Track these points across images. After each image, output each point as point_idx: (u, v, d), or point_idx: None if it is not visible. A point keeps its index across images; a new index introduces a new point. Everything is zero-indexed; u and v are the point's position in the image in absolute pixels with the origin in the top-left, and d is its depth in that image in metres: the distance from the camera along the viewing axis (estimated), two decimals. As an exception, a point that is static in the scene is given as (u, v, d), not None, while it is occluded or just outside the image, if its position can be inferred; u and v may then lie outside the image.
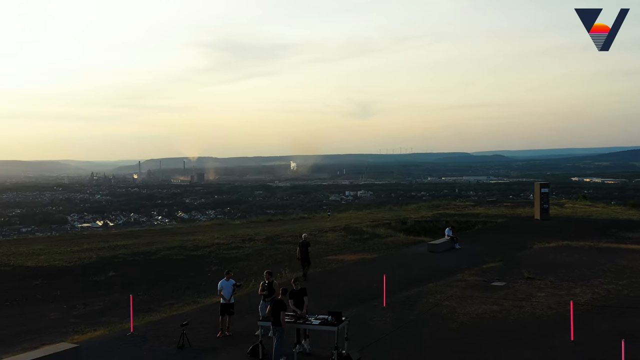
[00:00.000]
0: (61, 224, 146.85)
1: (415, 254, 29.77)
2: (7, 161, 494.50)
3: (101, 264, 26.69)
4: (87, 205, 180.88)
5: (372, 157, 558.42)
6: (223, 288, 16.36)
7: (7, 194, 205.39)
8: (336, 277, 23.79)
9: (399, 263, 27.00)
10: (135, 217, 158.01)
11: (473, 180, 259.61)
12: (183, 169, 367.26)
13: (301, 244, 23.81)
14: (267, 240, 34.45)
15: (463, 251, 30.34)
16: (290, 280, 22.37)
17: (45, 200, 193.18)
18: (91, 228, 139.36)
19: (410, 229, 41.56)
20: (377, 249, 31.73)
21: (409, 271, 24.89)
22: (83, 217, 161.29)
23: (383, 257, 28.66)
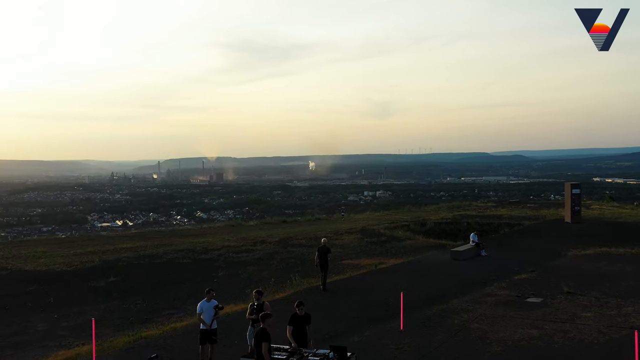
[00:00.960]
0: (81, 224, 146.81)
1: (436, 261, 26.82)
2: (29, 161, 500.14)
3: (103, 268, 25.16)
4: (107, 205, 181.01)
5: (391, 157, 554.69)
6: (203, 311, 13.37)
7: (29, 193, 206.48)
8: (348, 289, 21.09)
9: (419, 272, 24.19)
10: (155, 217, 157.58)
11: (493, 180, 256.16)
12: (202, 169, 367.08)
13: (320, 249, 21.52)
14: (279, 242, 32.75)
15: (490, 259, 27.44)
16: (300, 288, 20.81)
17: (66, 199, 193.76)
18: (110, 228, 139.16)
19: (429, 231, 39.59)
20: (395, 253, 29.86)
21: (430, 283, 22.05)
22: (103, 217, 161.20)
23: (401, 265, 25.82)
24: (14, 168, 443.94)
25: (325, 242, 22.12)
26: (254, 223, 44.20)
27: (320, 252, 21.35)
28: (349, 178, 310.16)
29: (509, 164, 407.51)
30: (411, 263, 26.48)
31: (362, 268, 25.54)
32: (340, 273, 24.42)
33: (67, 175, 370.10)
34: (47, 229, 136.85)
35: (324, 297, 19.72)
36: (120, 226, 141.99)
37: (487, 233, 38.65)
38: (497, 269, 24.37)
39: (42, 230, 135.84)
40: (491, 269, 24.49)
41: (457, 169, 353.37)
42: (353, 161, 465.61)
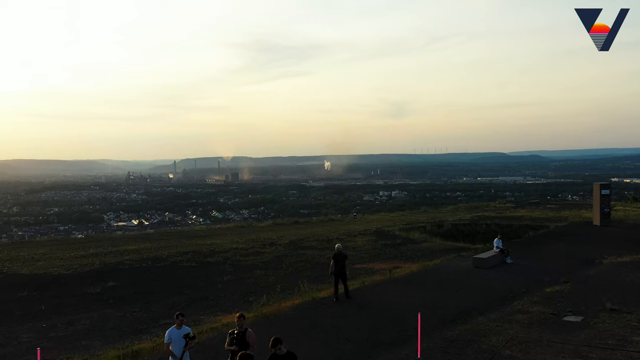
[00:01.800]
0: (97, 223, 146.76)
1: (457, 269, 24.05)
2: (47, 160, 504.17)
3: (102, 272, 23.80)
4: (123, 204, 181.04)
5: (406, 157, 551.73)
6: (172, 341, 10.98)
7: (46, 192, 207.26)
8: (358, 302, 18.47)
9: (438, 282, 21.50)
10: (170, 217, 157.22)
11: (509, 180, 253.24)
12: (218, 169, 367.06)
13: (336, 255, 19.15)
14: (290, 245, 31.25)
15: (517, 267, 24.73)
16: (307, 298, 19.21)
17: (83, 199, 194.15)
18: (126, 227, 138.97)
19: (446, 233, 37.87)
20: (411, 257, 28.22)
21: (451, 296, 19.32)
22: (119, 216, 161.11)
23: (417, 274, 23.03)
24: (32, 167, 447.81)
25: (339, 248, 19.58)
26: (265, 224, 42.73)
27: (335, 258, 19.08)
28: (364, 178, 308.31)
29: (525, 164, 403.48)
30: (429, 271, 23.79)
31: (376, 273, 23.94)
32: (351, 279, 22.79)
33: (84, 174, 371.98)
34: (63, 228, 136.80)
35: (331, 312, 17.31)
36: (135, 225, 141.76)
37: (509, 236, 36.86)
38: (526, 280, 21.80)
39: (59, 229, 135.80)
40: (519, 279, 21.90)
41: (473, 169, 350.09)
42: (368, 161, 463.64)
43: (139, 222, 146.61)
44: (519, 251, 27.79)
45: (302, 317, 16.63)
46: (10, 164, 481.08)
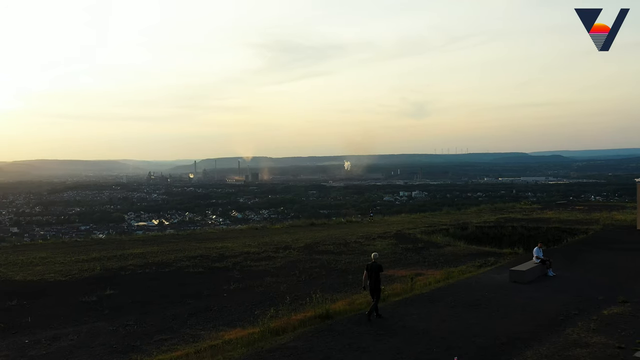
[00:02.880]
0: (118, 223, 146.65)
1: (491, 283, 20.71)
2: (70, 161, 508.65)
3: (102, 278, 22.03)
4: (143, 204, 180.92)
5: (426, 157, 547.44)
6: None
7: (68, 192, 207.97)
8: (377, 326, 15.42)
9: (470, 301, 18.04)
10: (190, 216, 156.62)
11: (531, 180, 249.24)
12: (238, 169, 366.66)
13: (370, 267, 16.45)
14: (305, 248, 29.30)
15: (560, 281, 21.27)
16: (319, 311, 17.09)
17: (104, 199, 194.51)
18: (147, 227, 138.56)
19: (471, 236, 35.67)
20: (434, 262, 26.13)
21: (487, 318, 15.99)
22: (140, 216, 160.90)
23: (445, 290, 19.62)
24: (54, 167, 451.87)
25: (375, 258, 16.80)
26: (280, 226, 40.76)
27: (370, 270, 16.39)
28: (384, 178, 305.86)
29: (547, 164, 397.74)
30: (459, 286, 20.37)
31: (396, 280, 21.91)
32: (370, 287, 20.83)
33: (105, 174, 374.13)
34: (84, 228, 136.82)
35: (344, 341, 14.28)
36: (156, 225, 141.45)
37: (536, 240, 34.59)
38: (576, 298, 18.50)
39: (80, 229, 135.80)
40: (567, 298, 18.57)
41: (494, 169, 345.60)
42: (388, 161, 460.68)
43: (159, 222, 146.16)
44: (559, 261, 24.61)
45: (307, 349, 13.72)
46: (33, 164, 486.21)
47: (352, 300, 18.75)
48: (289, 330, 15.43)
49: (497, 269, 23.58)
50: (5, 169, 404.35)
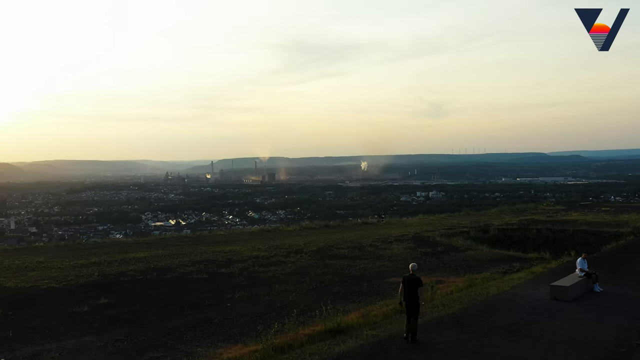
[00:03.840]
0: (136, 223, 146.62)
1: (529, 302, 17.20)
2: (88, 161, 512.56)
3: (99, 285, 20.46)
4: (161, 204, 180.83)
5: (444, 158, 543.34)
6: None
7: (86, 192, 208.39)
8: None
9: (506, 326, 14.82)
10: (207, 217, 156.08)
11: (549, 181, 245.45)
12: (254, 169, 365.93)
13: (407, 280, 13.92)
14: (317, 252, 27.55)
15: (610, 298, 17.91)
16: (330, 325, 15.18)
17: (122, 199, 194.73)
18: (164, 227, 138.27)
19: (493, 239, 33.71)
20: (455, 268, 24.26)
21: (529, 351, 12.94)
22: (157, 216, 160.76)
23: (474, 310, 16.34)
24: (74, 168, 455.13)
25: (414, 269, 14.14)
26: (293, 228, 39.01)
27: (407, 284, 13.87)
28: (401, 178, 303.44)
29: (566, 164, 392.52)
30: (492, 305, 16.99)
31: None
32: (386, 296, 19.03)
33: (123, 175, 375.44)
34: (102, 228, 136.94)
35: None
36: (173, 225, 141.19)
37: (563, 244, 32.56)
38: (635, 321, 15.18)
39: (98, 229, 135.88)
40: (624, 321, 15.19)
41: (512, 170, 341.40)
42: (405, 161, 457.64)
43: (176, 222, 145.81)
44: (605, 272, 21.16)
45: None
46: (52, 164, 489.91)
47: (366, 312, 16.99)
48: (296, 347, 13.71)
49: (534, 283, 20.09)
50: (24, 170, 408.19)
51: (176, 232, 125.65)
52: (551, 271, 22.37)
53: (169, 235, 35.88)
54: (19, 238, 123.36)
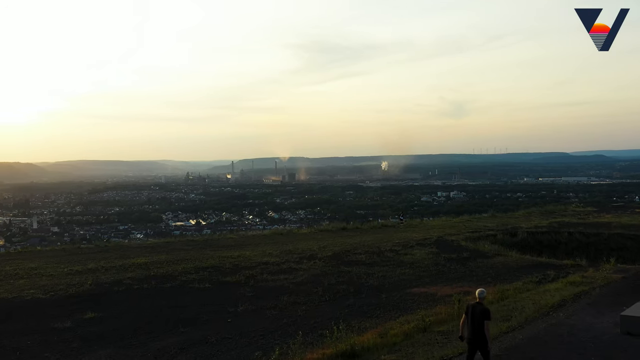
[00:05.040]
0: (156, 223, 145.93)
1: (592, 336, 13.00)
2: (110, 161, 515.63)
3: (90, 295, 18.42)
4: (181, 204, 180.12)
5: (465, 157, 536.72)
6: None
7: (108, 192, 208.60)
8: None
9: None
10: (227, 217, 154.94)
11: (572, 181, 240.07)
12: (275, 169, 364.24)
13: (472, 310, 10.78)
14: (332, 258, 25.28)
15: None
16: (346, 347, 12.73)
17: (143, 199, 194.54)
18: (184, 227, 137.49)
19: (522, 243, 31.16)
20: (483, 277, 21.88)
21: None
22: (177, 216, 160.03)
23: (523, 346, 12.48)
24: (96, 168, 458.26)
25: (480, 297, 10.87)
26: (308, 230, 36.73)
27: (472, 315, 10.75)
28: (422, 178, 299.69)
29: (589, 164, 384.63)
30: (543, 339, 12.98)
31: (439, 302, 17.79)
32: (406, 310, 16.73)
33: (145, 175, 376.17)
34: (123, 228, 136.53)
35: None
36: (193, 225, 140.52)
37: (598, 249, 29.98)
38: None
39: (119, 228, 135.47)
40: None
41: (535, 170, 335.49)
42: (426, 161, 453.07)
43: (196, 222, 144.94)
44: None
45: None
46: (75, 164, 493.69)
47: (384, 330, 14.74)
48: (301, 377, 11.52)
49: (596, 311, 15.34)
50: (48, 170, 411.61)
51: (196, 232, 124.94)
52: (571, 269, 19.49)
53: (175, 239, 33.80)
54: (41, 237, 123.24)
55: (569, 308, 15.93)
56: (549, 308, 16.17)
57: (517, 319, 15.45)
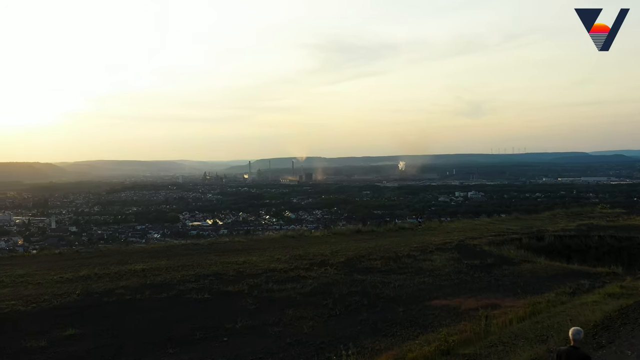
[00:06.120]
0: (173, 222, 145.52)
1: None
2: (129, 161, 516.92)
3: (75, 308, 16.51)
4: (198, 204, 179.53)
5: (483, 157, 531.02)
6: None
7: (126, 192, 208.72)
8: None
9: None
10: (244, 216, 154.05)
11: (592, 181, 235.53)
12: (292, 169, 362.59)
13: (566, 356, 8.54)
14: (345, 265, 23.19)
15: None
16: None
17: (160, 198, 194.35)
18: (201, 227, 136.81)
19: (549, 248, 28.79)
20: (510, 287, 19.69)
21: None
22: (194, 216, 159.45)
23: None
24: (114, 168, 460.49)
25: (577, 338, 8.60)
26: (321, 233, 34.60)
27: None
28: (439, 178, 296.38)
29: (608, 163, 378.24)
30: None
31: (463, 316, 15.70)
32: (425, 328, 14.64)
33: (162, 174, 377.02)
34: (140, 227, 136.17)
35: None
36: (210, 225, 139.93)
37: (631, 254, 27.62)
38: None
39: (136, 228, 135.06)
40: None
41: (553, 169, 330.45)
42: (443, 161, 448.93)
43: (213, 222, 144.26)
44: None
45: None
46: (94, 164, 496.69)
47: (402, 353, 12.74)
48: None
49: None
50: (67, 170, 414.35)
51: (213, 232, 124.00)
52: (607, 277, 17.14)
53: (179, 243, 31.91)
54: (59, 237, 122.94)
55: (618, 330, 13.62)
56: (591, 327, 13.94)
57: (555, 339, 13.26)
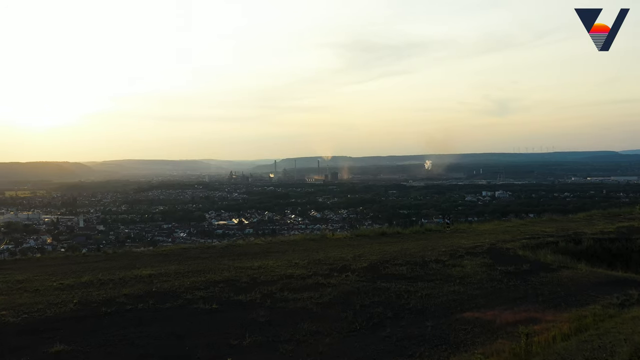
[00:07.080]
0: (199, 221, 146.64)
1: None
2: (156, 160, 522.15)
3: (69, 320, 14.90)
4: (224, 203, 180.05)
5: (510, 157, 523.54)
6: None
7: (153, 191, 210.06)
8: None
9: None
10: (269, 216, 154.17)
11: (622, 180, 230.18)
12: (317, 168, 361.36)
13: None
14: (368, 270, 21.32)
15: None
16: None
17: (187, 197, 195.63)
18: (227, 226, 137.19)
19: (588, 252, 26.53)
20: (550, 297, 17.62)
21: None
22: (220, 215, 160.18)
23: None
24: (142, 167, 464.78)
25: None
26: (343, 235, 32.72)
27: None
28: (466, 177, 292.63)
29: (639, 162, 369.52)
30: None
31: (499, 334, 13.72)
32: (452, 347, 12.74)
33: (189, 174, 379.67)
34: (167, 226, 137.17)
35: None
36: (236, 224, 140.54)
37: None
38: None
39: (163, 227, 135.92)
40: None
41: (582, 169, 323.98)
42: (470, 160, 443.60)
43: (239, 221, 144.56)
44: None
45: None
46: (122, 163, 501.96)
47: (430, 379, 10.84)
48: None
49: None
50: (95, 169, 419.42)
51: (239, 232, 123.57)
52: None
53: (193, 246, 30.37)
54: (87, 236, 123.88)
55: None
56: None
57: None
